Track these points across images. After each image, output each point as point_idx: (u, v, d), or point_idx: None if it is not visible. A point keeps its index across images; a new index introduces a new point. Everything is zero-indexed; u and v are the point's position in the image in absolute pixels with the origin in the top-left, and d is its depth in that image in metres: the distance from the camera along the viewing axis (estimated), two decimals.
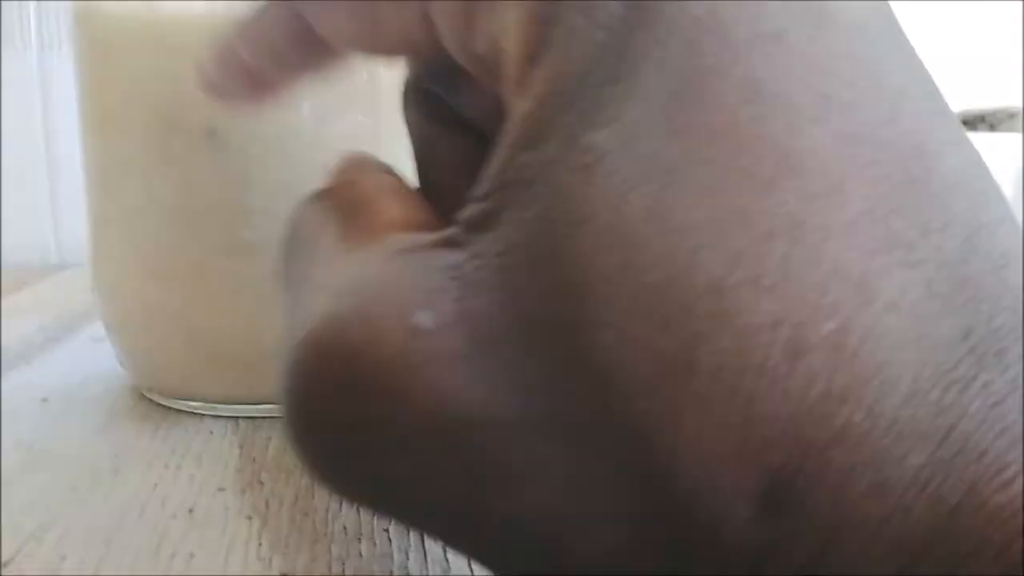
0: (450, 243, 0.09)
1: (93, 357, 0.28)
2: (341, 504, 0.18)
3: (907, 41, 0.10)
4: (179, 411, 0.23)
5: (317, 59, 0.14)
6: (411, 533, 0.17)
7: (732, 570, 0.08)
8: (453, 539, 0.10)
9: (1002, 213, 0.09)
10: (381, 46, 0.13)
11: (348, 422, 0.10)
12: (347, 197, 0.13)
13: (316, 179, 0.22)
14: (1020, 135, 0.58)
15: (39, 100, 0.44)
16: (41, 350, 0.29)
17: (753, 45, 0.09)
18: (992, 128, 0.69)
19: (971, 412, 0.08)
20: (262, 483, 0.19)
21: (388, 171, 0.14)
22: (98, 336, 0.30)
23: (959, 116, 0.10)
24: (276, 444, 0.21)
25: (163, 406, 0.23)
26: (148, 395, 0.24)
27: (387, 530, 0.17)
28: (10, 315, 0.34)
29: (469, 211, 0.09)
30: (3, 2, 0.44)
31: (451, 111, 0.14)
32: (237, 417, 0.22)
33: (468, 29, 0.11)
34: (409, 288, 0.09)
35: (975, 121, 0.71)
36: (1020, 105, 0.69)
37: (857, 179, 0.08)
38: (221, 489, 0.18)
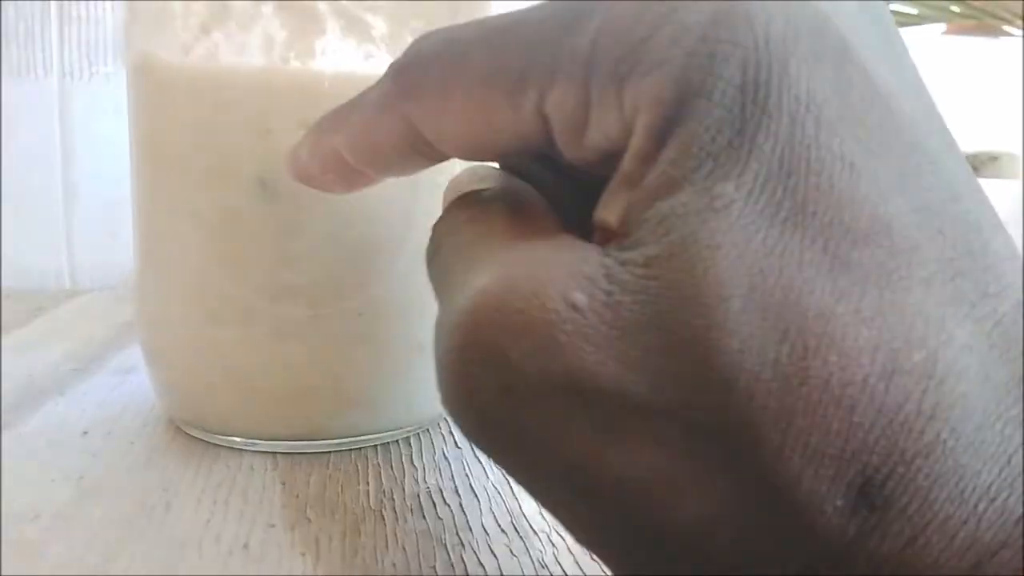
0: (603, 253, 0.11)
1: (124, 388, 0.29)
2: (387, 542, 0.19)
3: (952, 135, 0.12)
4: (217, 446, 0.24)
5: (420, 163, 0.15)
6: (456, 570, 0.18)
7: (818, 552, 0.10)
8: (564, 500, 0.12)
9: None
10: (492, 148, 0.14)
11: (506, 367, 0.11)
12: (510, 200, 0.14)
13: (357, 227, 0.23)
14: (1014, 181, 0.61)
15: (58, 126, 0.45)
16: (71, 381, 0.30)
17: (842, 125, 0.11)
18: (975, 171, 0.72)
19: None
20: (309, 520, 0.20)
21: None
22: (125, 367, 0.31)
23: None
24: (317, 480, 0.22)
25: (201, 440, 0.24)
26: (185, 429, 0.25)
27: (434, 567, 0.18)
28: (34, 343, 0.34)
29: (615, 244, 0.11)
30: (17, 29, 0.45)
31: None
32: (275, 452, 0.23)
33: (583, 122, 0.12)
34: (570, 270, 0.11)
35: None
36: (1002, 149, 0.71)
37: (929, 244, 0.11)
38: (271, 525, 0.19)
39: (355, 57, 0.22)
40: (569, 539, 0.18)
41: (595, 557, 0.12)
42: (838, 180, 0.10)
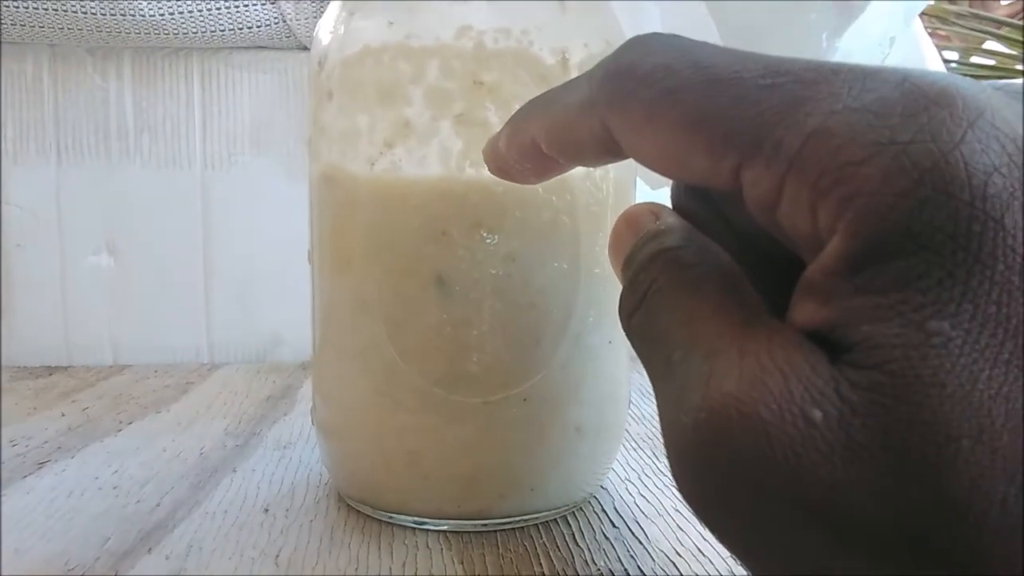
0: (831, 366, 0.12)
1: (286, 464, 0.31)
2: None
3: None
4: (390, 523, 0.25)
5: (612, 160, 0.16)
6: None
7: None
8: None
9: None
10: (683, 179, 0.15)
11: (748, 473, 0.12)
12: (715, 268, 0.15)
13: (524, 318, 0.24)
14: None
15: (200, 214, 0.49)
16: (237, 457, 0.32)
17: None
18: None
19: None
20: None
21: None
22: (282, 443, 0.34)
23: None
24: (492, 560, 0.23)
25: (373, 518, 0.26)
26: (356, 506, 0.26)
27: None
28: (194, 419, 0.37)
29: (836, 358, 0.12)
30: (168, 125, 0.49)
31: (715, 208, 0.17)
32: (446, 531, 0.25)
33: (773, 204, 0.13)
34: (806, 383, 0.12)
35: None
36: None
37: None
38: None
39: None
40: None
41: None
42: None
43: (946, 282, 0.11)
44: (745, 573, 0.22)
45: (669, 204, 0.18)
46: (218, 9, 0.47)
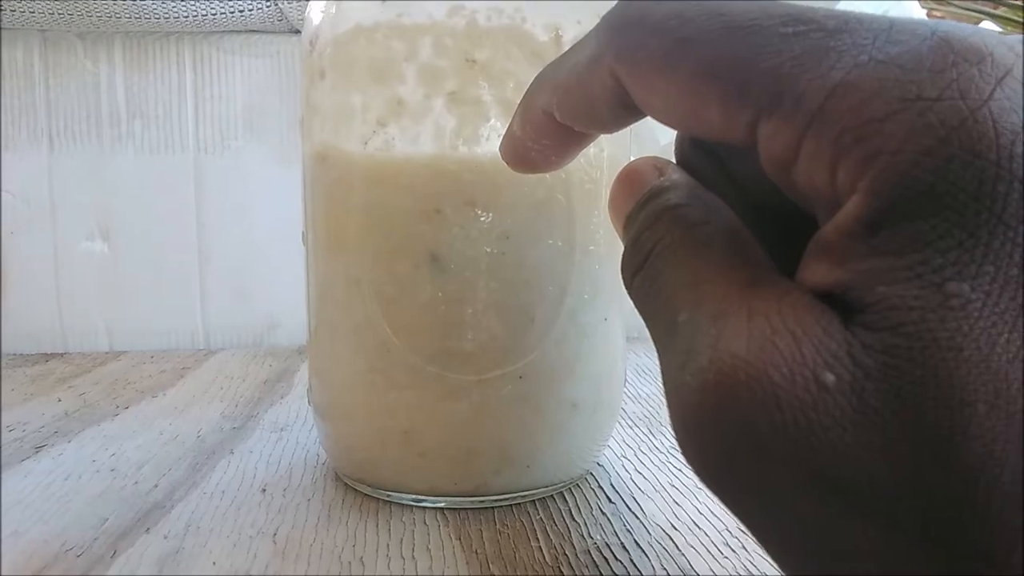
0: (844, 328, 0.11)
1: (284, 446, 0.31)
2: None
3: None
4: (387, 501, 0.25)
5: (627, 119, 0.15)
6: None
7: None
8: (795, 558, 0.13)
9: None
10: (694, 132, 0.14)
11: (755, 436, 0.12)
12: (722, 227, 0.14)
13: (519, 295, 0.24)
14: None
15: (193, 199, 0.49)
16: (234, 439, 0.32)
17: None
18: None
19: None
20: None
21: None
22: (279, 425, 0.34)
23: None
24: (489, 536, 0.23)
25: (370, 496, 0.26)
26: (353, 485, 0.27)
27: None
28: (191, 403, 0.37)
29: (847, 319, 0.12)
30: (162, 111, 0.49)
31: (720, 163, 0.16)
32: (443, 508, 0.25)
33: (790, 160, 0.12)
34: (818, 346, 0.11)
35: None
36: None
37: None
38: None
39: None
40: None
41: None
42: None
43: (967, 243, 0.11)
44: (739, 552, 0.22)
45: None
46: None
